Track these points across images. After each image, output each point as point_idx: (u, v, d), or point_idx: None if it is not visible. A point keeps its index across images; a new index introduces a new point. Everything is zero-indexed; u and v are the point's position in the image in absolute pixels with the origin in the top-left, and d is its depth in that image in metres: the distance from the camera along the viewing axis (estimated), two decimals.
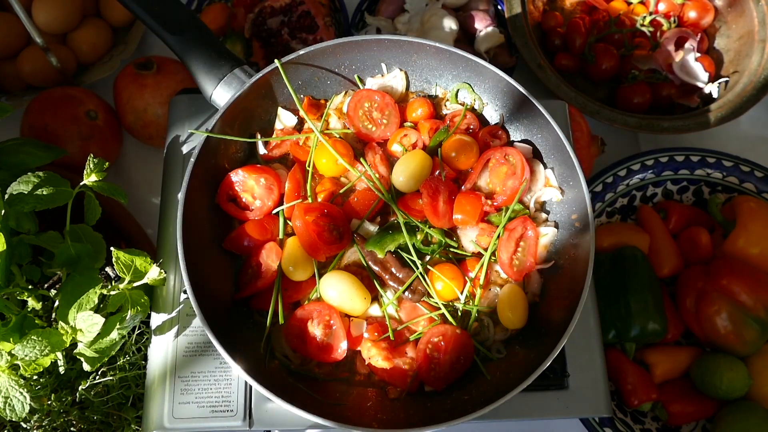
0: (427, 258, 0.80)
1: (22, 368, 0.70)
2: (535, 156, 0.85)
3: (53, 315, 0.77)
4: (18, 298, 0.75)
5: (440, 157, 0.83)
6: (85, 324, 0.70)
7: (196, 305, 0.69)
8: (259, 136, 0.85)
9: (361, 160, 0.83)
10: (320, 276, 0.78)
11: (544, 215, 0.84)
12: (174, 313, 0.79)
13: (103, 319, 0.70)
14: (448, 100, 0.89)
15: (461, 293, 0.78)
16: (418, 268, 0.78)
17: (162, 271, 0.74)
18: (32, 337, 0.69)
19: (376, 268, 0.78)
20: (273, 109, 0.86)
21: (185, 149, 0.87)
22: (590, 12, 1.29)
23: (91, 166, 0.75)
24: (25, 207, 0.72)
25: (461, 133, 0.85)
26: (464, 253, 0.81)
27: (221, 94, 0.81)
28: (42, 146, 0.87)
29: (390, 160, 0.85)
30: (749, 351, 0.97)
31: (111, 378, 0.80)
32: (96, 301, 0.71)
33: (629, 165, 1.13)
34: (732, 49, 1.27)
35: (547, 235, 0.82)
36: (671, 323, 1.02)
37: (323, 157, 0.82)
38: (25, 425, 0.78)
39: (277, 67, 0.81)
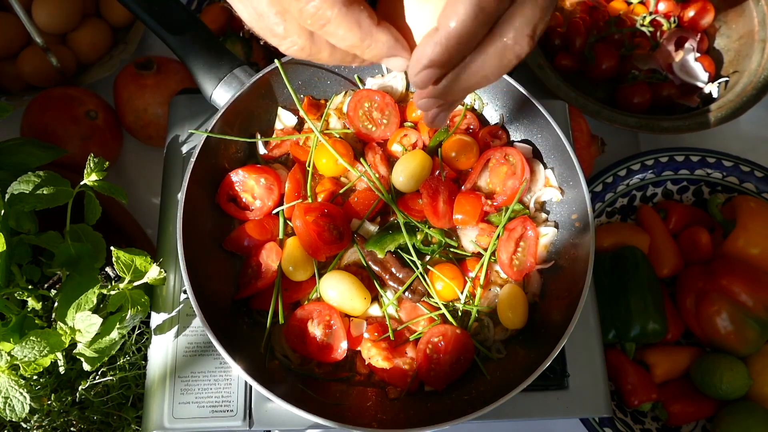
0: (427, 258, 0.80)
1: (22, 368, 0.70)
2: (535, 156, 0.85)
3: (53, 315, 0.77)
4: (18, 298, 0.75)
5: (440, 157, 0.83)
6: (83, 324, 0.70)
7: (196, 305, 0.69)
8: (259, 136, 0.85)
9: (361, 160, 0.83)
10: (320, 276, 0.78)
11: (544, 215, 0.84)
12: (174, 313, 0.79)
13: (101, 319, 0.70)
14: None
15: (461, 293, 0.78)
16: (418, 268, 0.78)
17: (162, 270, 0.74)
18: (32, 337, 0.69)
19: (376, 268, 0.78)
20: (273, 109, 0.86)
21: (185, 149, 0.87)
22: (590, 12, 1.29)
23: (91, 165, 0.75)
24: (25, 207, 0.72)
25: (461, 133, 0.85)
26: (464, 253, 0.81)
27: (221, 94, 0.81)
28: (42, 146, 0.87)
29: (390, 160, 0.85)
30: (749, 351, 0.97)
31: (111, 378, 0.80)
32: (95, 301, 0.71)
33: (629, 165, 1.13)
34: (732, 49, 1.27)
35: (547, 235, 0.82)
36: (671, 323, 1.02)
37: (323, 157, 0.82)
38: (25, 425, 0.78)
39: (277, 67, 0.81)
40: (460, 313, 0.79)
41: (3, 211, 0.72)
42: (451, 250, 0.81)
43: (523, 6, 0.42)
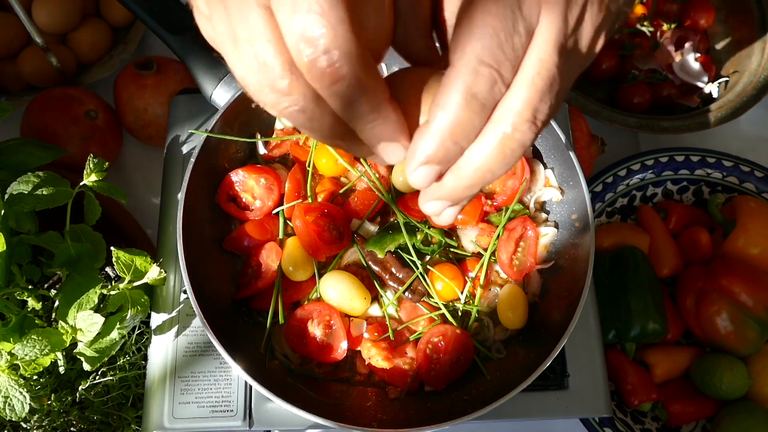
0: (427, 258, 0.80)
1: (22, 368, 0.70)
2: (535, 156, 0.85)
3: (53, 315, 0.77)
4: (18, 298, 0.75)
5: None
6: (85, 323, 0.70)
7: (196, 305, 0.69)
8: (259, 136, 0.85)
9: (361, 160, 0.83)
10: (320, 276, 0.78)
11: (544, 215, 0.84)
12: (174, 313, 0.79)
13: (103, 319, 0.70)
14: None
15: (461, 293, 0.78)
16: (418, 268, 0.78)
17: (162, 270, 0.74)
18: (32, 336, 0.69)
19: (376, 268, 0.78)
20: None
21: (185, 149, 0.87)
22: None
23: (91, 165, 0.75)
24: (25, 207, 0.72)
25: None
26: (464, 253, 0.81)
27: (221, 94, 0.81)
28: (42, 146, 0.87)
29: None
30: (749, 351, 0.97)
31: (111, 378, 0.80)
32: (96, 301, 0.71)
33: (629, 165, 1.13)
34: (732, 49, 1.27)
35: (547, 235, 0.82)
36: (671, 323, 1.02)
37: (323, 157, 0.82)
38: (25, 425, 0.78)
39: None
40: (460, 313, 0.79)
41: (3, 211, 0.72)
42: (451, 250, 0.81)
43: (520, 88, 0.37)
